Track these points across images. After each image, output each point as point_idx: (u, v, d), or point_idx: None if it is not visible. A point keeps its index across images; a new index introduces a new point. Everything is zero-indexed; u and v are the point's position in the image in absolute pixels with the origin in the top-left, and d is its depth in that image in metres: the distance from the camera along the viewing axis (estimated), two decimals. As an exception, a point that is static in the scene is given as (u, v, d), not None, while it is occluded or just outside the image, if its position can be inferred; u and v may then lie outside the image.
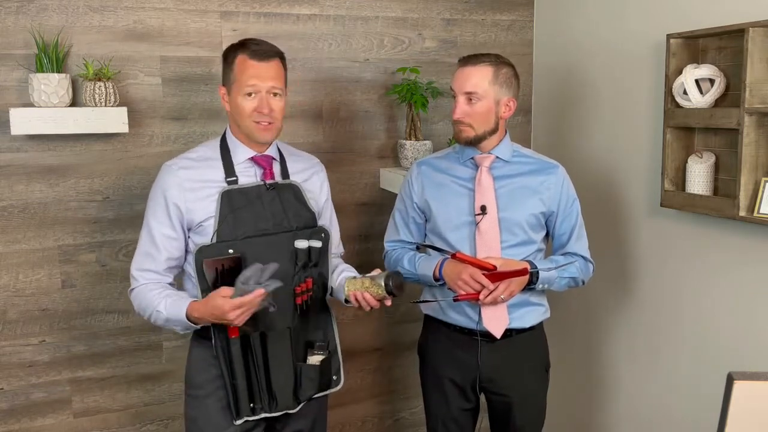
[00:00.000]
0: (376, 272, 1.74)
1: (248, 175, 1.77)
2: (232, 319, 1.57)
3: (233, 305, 1.55)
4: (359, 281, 1.74)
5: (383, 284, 1.68)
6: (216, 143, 1.81)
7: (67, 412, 2.27)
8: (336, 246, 1.99)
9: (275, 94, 1.71)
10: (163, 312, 1.68)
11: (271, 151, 1.81)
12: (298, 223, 1.77)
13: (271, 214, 1.73)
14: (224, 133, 1.81)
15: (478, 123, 1.87)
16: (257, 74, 1.68)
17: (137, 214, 2.24)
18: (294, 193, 1.79)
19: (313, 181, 1.89)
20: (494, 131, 1.90)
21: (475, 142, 1.90)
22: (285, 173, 1.82)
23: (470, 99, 1.85)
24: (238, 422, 1.73)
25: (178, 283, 1.82)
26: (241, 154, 1.77)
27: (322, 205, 1.91)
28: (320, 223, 1.84)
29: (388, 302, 1.72)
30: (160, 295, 1.71)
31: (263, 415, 1.75)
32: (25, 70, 2.07)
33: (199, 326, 1.70)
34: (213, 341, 1.71)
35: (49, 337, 2.22)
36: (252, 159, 1.78)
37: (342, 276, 1.87)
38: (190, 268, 1.75)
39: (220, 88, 1.77)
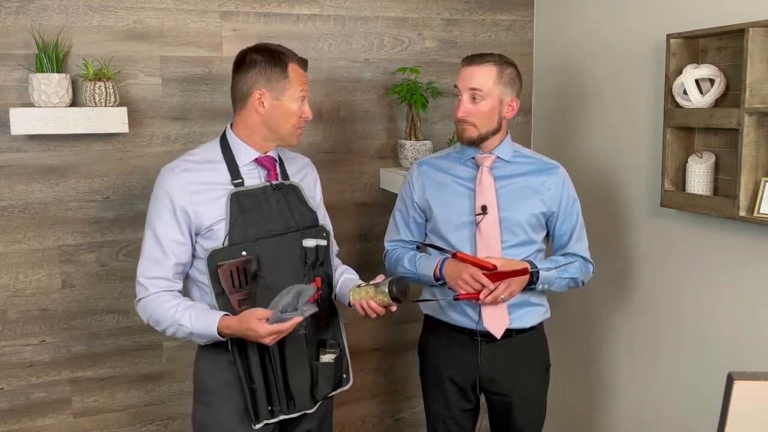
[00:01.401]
0: (379, 278, 1.73)
1: (252, 177, 1.76)
2: (268, 342, 1.60)
3: (269, 330, 1.56)
4: (364, 290, 1.73)
5: (387, 291, 1.68)
6: (215, 145, 1.78)
7: (67, 412, 2.27)
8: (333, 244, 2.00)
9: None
10: (187, 326, 1.63)
11: (273, 153, 1.81)
12: (303, 223, 1.78)
13: (279, 214, 1.74)
14: (223, 135, 1.79)
15: (482, 122, 1.87)
16: (306, 81, 1.76)
17: (137, 214, 2.25)
18: (296, 193, 1.80)
19: (308, 180, 1.90)
20: (497, 131, 1.90)
21: (477, 142, 1.90)
22: (285, 174, 1.82)
23: (474, 97, 1.85)
24: (258, 426, 1.71)
25: (183, 290, 1.78)
26: (245, 155, 1.76)
27: (318, 204, 1.91)
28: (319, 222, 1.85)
29: (393, 308, 1.72)
30: (179, 307, 1.66)
31: (282, 417, 1.74)
32: (25, 70, 2.07)
33: (225, 339, 1.66)
34: (230, 347, 1.68)
35: (49, 337, 2.22)
36: (256, 160, 1.77)
37: (343, 279, 1.88)
38: (197, 273, 1.73)
39: (256, 92, 1.70)
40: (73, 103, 2.09)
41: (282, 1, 2.36)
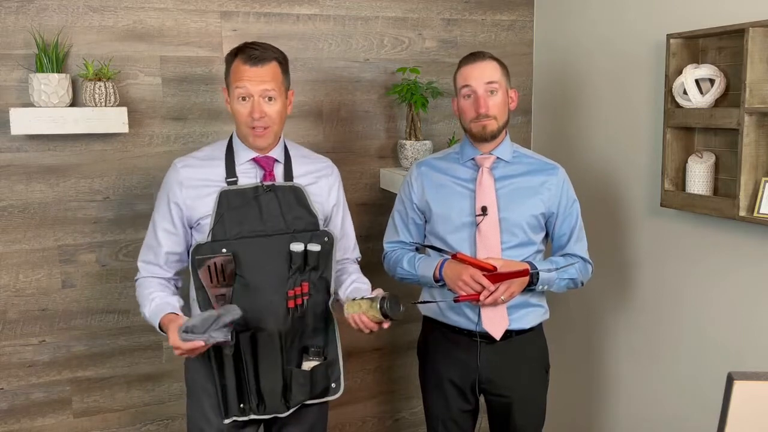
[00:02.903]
0: (377, 293, 1.72)
1: (249, 176, 1.77)
2: (177, 354, 1.61)
3: (174, 344, 1.57)
4: (357, 303, 1.72)
5: (378, 308, 1.66)
6: (224, 143, 1.83)
7: (67, 412, 2.27)
8: (350, 251, 2.00)
9: (269, 98, 1.71)
10: (146, 315, 1.75)
11: (275, 153, 1.81)
12: (296, 226, 1.76)
13: (268, 215, 1.73)
14: (232, 134, 1.83)
15: (500, 114, 1.90)
16: (249, 78, 1.69)
17: (137, 214, 2.25)
18: (296, 195, 1.78)
19: (320, 185, 1.86)
20: (506, 123, 1.93)
21: (497, 134, 1.91)
22: (289, 175, 1.81)
23: (491, 91, 1.87)
24: (227, 421, 1.75)
25: (184, 279, 1.84)
26: (243, 155, 1.78)
27: (329, 210, 1.88)
28: (328, 227, 1.83)
29: (386, 325, 1.70)
30: (151, 296, 1.75)
31: (252, 417, 1.76)
32: (25, 70, 2.07)
33: None
34: None
35: (49, 337, 2.22)
36: (254, 160, 1.78)
37: (352, 288, 1.87)
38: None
39: (224, 90, 1.80)
40: (73, 103, 2.09)
41: (282, 1, 2.36)
